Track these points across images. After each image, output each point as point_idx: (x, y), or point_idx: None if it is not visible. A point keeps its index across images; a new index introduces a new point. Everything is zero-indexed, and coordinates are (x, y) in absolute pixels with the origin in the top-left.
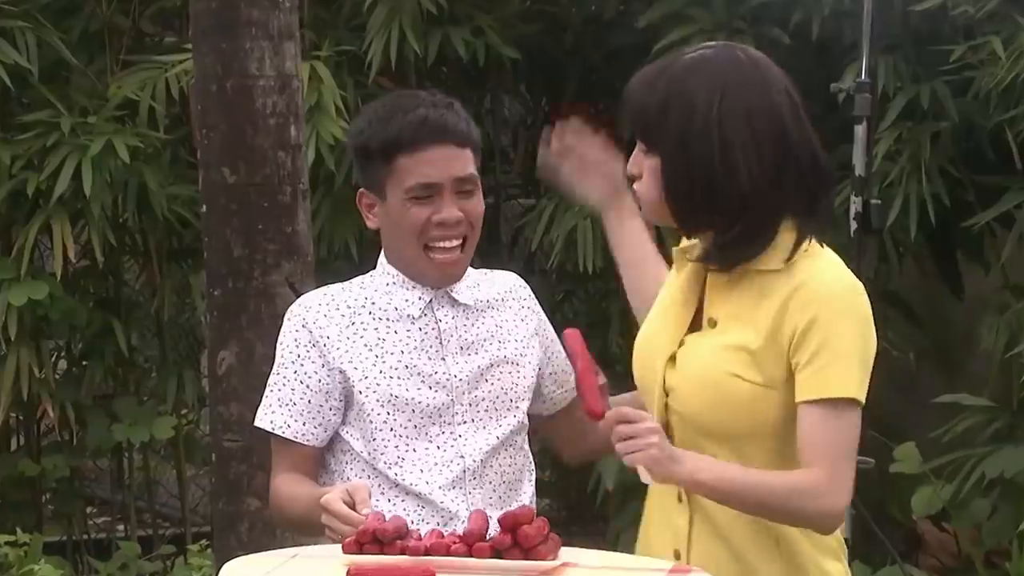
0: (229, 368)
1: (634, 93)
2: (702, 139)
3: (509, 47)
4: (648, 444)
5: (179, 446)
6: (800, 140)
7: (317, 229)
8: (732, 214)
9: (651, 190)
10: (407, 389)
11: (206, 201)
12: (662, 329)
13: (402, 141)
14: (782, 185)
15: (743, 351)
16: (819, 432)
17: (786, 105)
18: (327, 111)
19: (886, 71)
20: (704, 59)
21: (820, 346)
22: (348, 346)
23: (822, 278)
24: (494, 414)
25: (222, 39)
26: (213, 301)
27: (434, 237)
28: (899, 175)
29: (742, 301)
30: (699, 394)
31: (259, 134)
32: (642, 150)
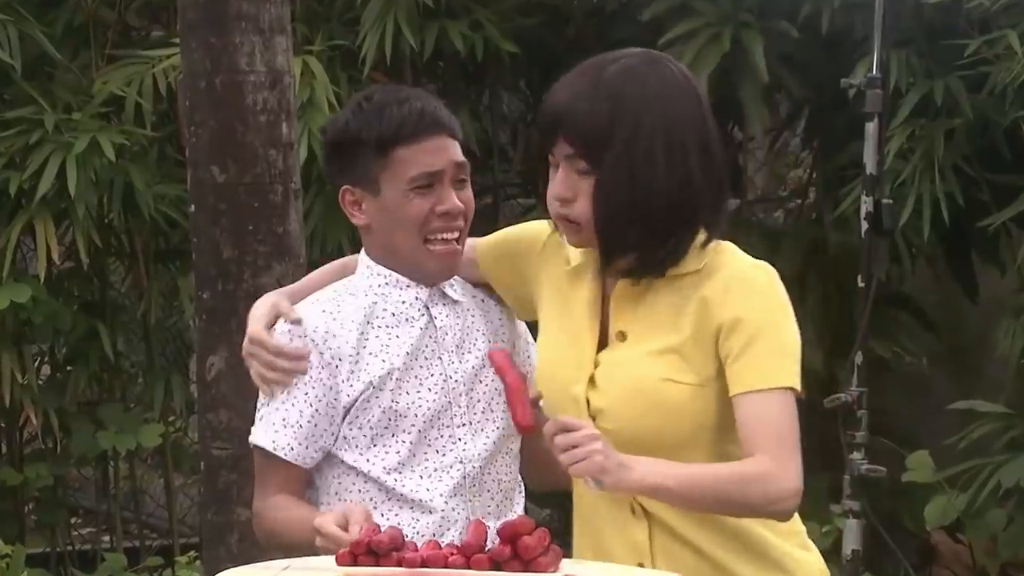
0: (218, 374)
1: (569, 111)
2: (647, 158)
3: (508, 41)
4: (591, 451)
5: (166, 454)
6: (718, 146)
7: (309, 230)
8: (664, 230)
9: (588, 212)
10: (407, 393)
11: (194, 201)
12: (568, 351)
13: (402, 132)
14: (710, 200)
15: (671, 353)
16: (759, 420)
17: (710, 115)
18: (320, 107)
19: (898, 66)
20: (635, 70)
21: (752, 337)
22: (356, 361)
23: (739, 269)
24: (490, 415)
25: (211, 33)
26: (202, 304)
27: (435, 228)
28: (912, 174)
29: (657, 308)
30: (631, 407)
31: (249, 131)
32: (578, 170)
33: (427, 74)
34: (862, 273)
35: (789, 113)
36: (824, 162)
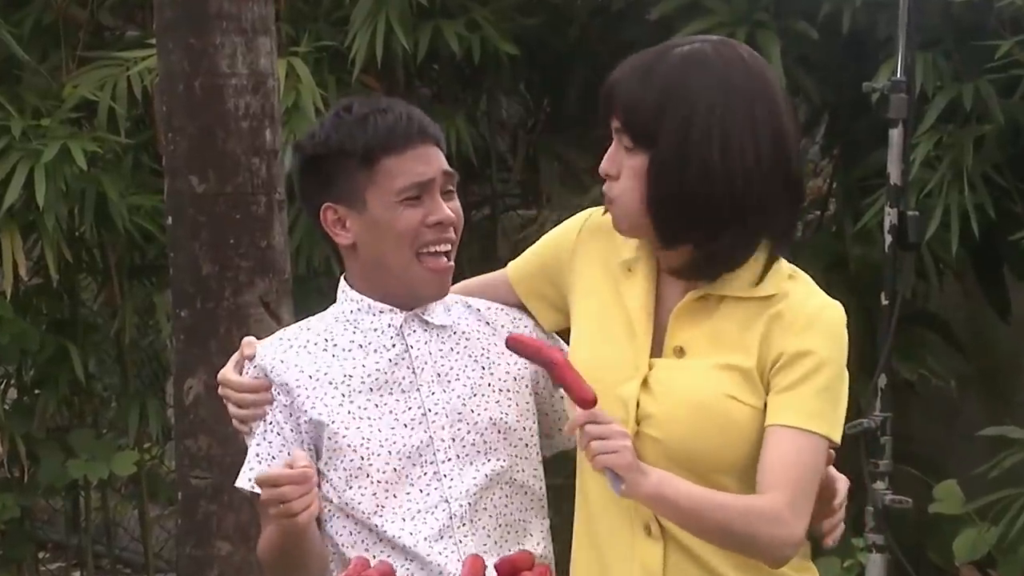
0: (197, 398)
1: (623, 84)
2: (702, 140)
3: (507, 42)
4: (621, 447)
5: (142, 484)
6: (796, 153)
7: (295, 243)
8: (719, 224)
9: (631, 193)
10: (379, 430)
11: (172, 213)
12: (618, 349)
13: (390, 141)
14: (771, 198)
15: (736, 371)
16: (788, 458)
17: (787, 111)
18: (306, 113)
19: (924, 69)
20: (704, 54)
21: (808, 375)
22: (311, 389)
23: (817, 304)
24: (482, 447)
25: (190, 33)
26: (180, 323)
27: (428, 241)
28: (939, 184)
29: (723, 327)
30: (686, 419)
31: (231, 138)
32: (624, 147)
33: (421, 77)
34: (886, 290)
35: (807, 119)
36: (845, 171)
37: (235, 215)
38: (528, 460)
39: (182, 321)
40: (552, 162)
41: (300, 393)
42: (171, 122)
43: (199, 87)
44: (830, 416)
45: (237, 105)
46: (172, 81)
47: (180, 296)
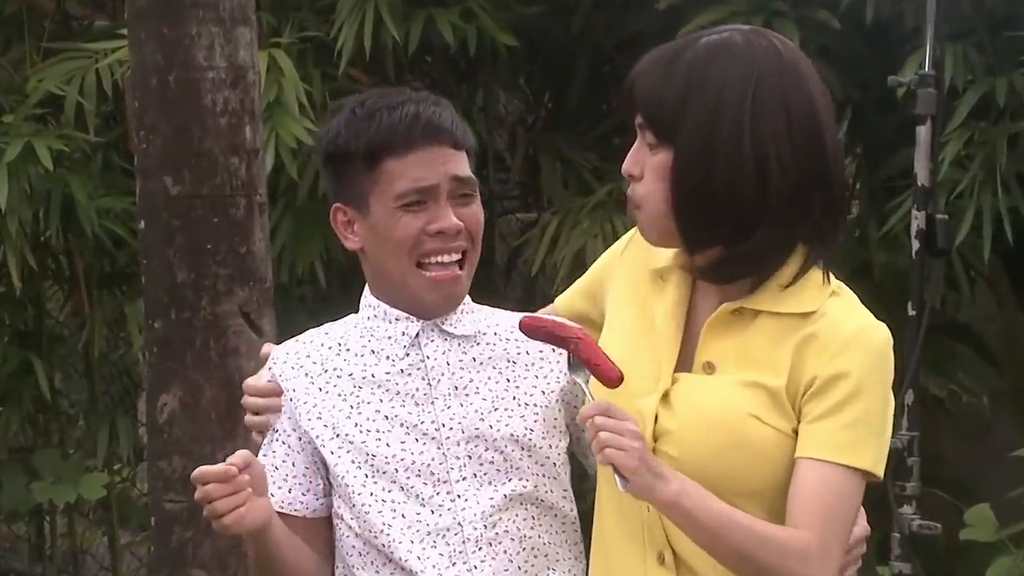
0: (171, 415)
1: (644, 76)
2: (731, 134)
3: (505, 33)
4: (630, 447)
5: (111, 508)
6: (833, 144)
7: (277, 249)
8: (750, 223)
9: (656, 193)
10: (387, 444)
11: (144, 216)
12: (641, 359)
13: (391, 141)
14: (809, 199)
15: (762, 389)
16: (816, 494)
17: (824, 105)
18: (289, 109)
19: (955, 61)
20: (732, 43)
21: (844, 402)
22: (318, 399)
23: (860, 325)
24: (502, 466)
25: (163, 23)
26: (153, 335)
27: (429, 251)
28: (970, 185)
29: (754, 342)
30: (704, 437)
31: (208, 136)
32: (647, 144)
33: (412, 70)
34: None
35: None
36: (869, 172)
37: (212, 219)
38: (556, 480)
39: (155, 333)
40: (553, 162)
41: (305, 400)
42: (143, 119)
43: (174, 81)
44: (867, 447)
45: (215, 100)
46: (144, 74)
47: (153, 306)
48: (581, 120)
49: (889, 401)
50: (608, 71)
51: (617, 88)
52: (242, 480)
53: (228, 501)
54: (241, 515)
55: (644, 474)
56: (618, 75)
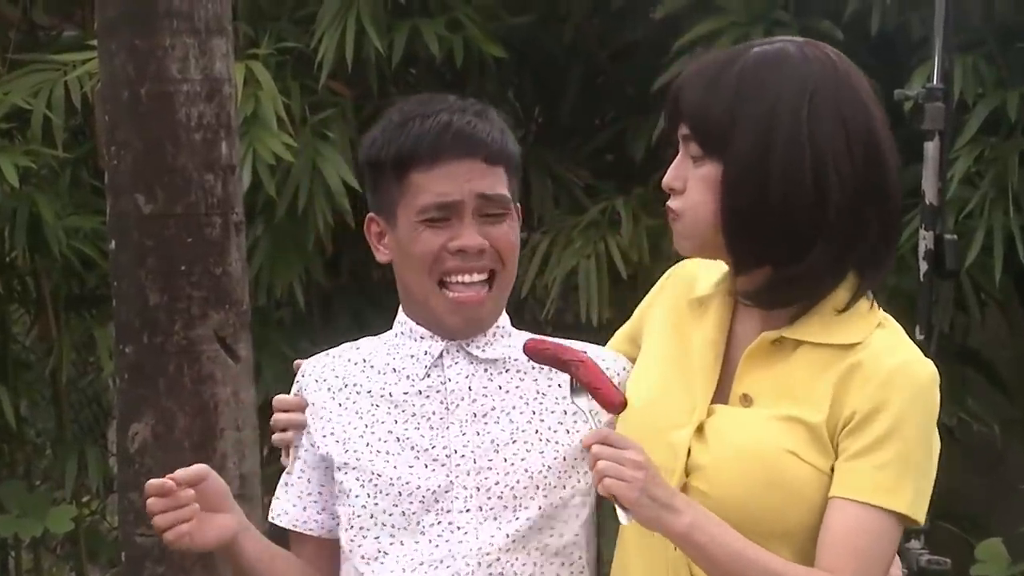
0: (143, 445)
1: (691, 87)
2: (788, 148)
3: (493, 44)
4: (632, 477)
5: (80, 542)
6: (893, 161)
7: (254, 270)
8: (803, 243)
9: (701, 206)
10: (395, 466)
11: (115, 236)
12: (676, 390)
13: (418, 152)
14: (866, 215)
15: (800, 425)
16: (849, 537)
17: (881, 119)
18: (266, 123)
19: (964, 74)
20: (785, 53)
21: (884, 440)
22: (336, 415)
23: (905, 360)
24: (511, 503)
25: (135, 34)
26: (123, 361)
27: (450, 269)
28: (980, 203)
29: (795, 374)
30: (739, 473)
31: (182, 152)
32: (692, 156)
33: (396, 83)
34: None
35: None
36: None
37: (186, 238)
38: (568, 524)
39: (126, 358)
40: (544, 178)
41: (323, 415)
42: (114, 134)
43: (146, 94)
44: (904, 489)
45: (189, 114)
46: (115, 87)
47: (124, 330)
48: (573, 135)
49: (933, 441)
50: (602, 83)
51: (611, 101)
52: (184, 495)
53: (168, 517)
54: (183, 532)
55: (647, 505)
56: (612, 88)
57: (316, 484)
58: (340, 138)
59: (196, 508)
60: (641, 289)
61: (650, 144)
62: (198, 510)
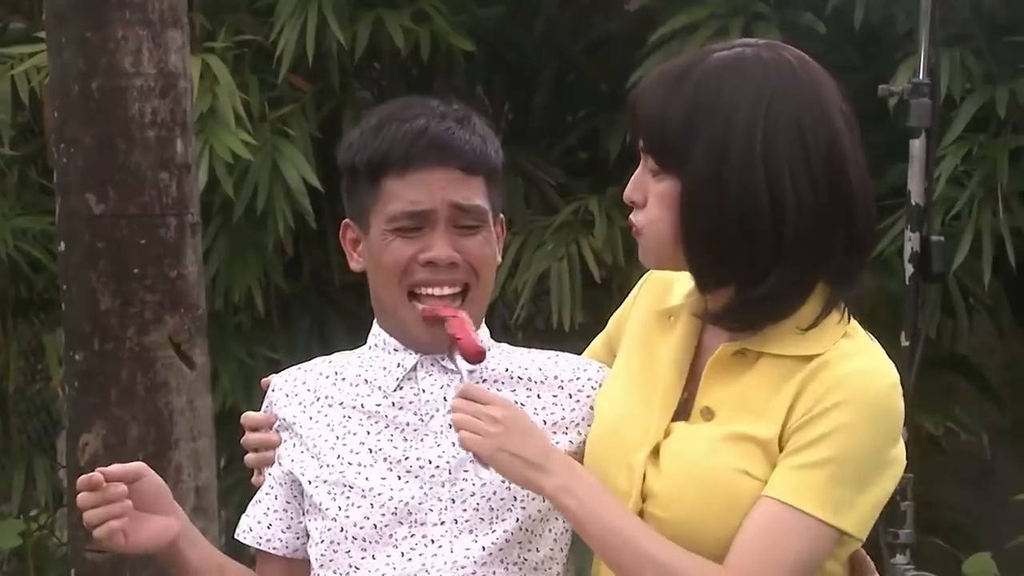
0: (94, 456)
1: (647, 97)
2: (742, 165)
3: (462, 37)
4: (487, 432)
5: (28, 559)
6: (858, 175)
7: (210, 273)
8: (766, 262)
9: (660, 223)
10: (367, 478)
11: (65, 237)
12: (639, 408)
13: (391, 158)
14: (830, 237)
15: (752, 442)
16: (761, 535)
17: (844, 126)
18: (224, 119)
19: (951, 69)
20: (742, 60)
21: (817, 441)
22: (308, 428)
23: (857, 367)
24: (487, 515)
25: (86, 25)
26: (73, 368)
27: (420, 281)
28: (968, 203)
29: (753, 386)
30: (696, 501)
31: (135, 150)
32: (651, 170)
33: (360, 78)
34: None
35: None
36: None
37: (140, 240)
38: (546, 538)
39: (76, 365)
40: (515, 178)
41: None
42: (64, 131)
43: (97, 89)
44: (830, 495)
45: (142, 110)
46: (65, 82)
47: (74, 336)
48: (545, 132)
49: (884, 455)
50: (574, 79)
51: (584, 97)
52: (114, 491)
53: (99, 512)
54: (113, 529)
55: (509, 462)
56: (585, 83)
57: (282, 501)
58: (301, 135)
59: (128, 505)
60: (615, 292)
61: (625, 142)
62: (130, 507)
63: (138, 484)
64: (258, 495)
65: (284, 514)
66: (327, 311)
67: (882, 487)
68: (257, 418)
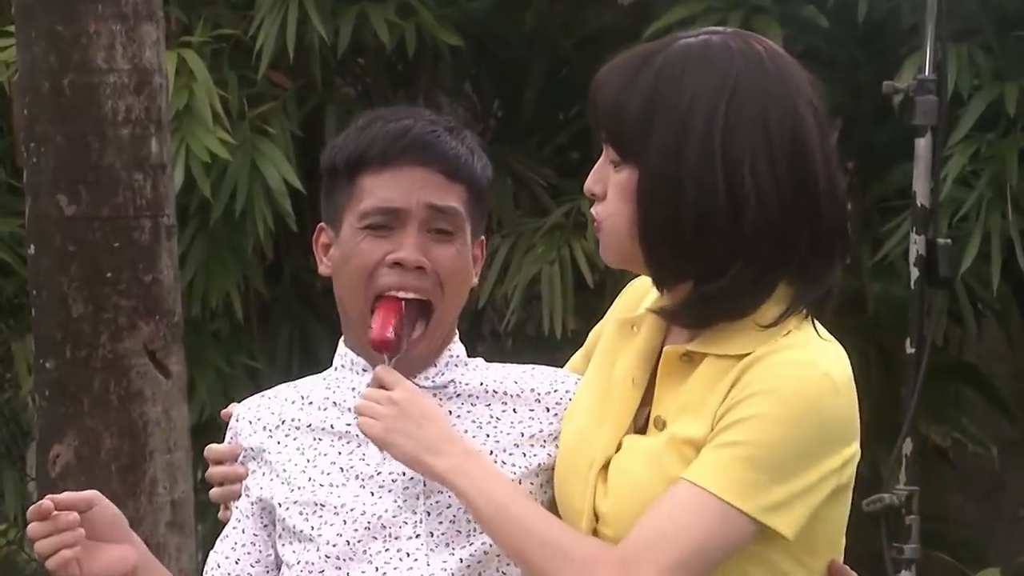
0: (65, 468)
1: (608, 84)
2: (700, 155)
3: (449, 31)
4: (382, 415)
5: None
6: (826, 173)
7: (187, 278)
8: (723, 257)
9: (619, 216)
10: (339, 495)
11: (35, 240)
12: (595, 427)
13: (370, 154)
14: (792, 236)
15: (689, 445)
16: (659, 511)
17: (813, 121)
18: (201, 117)
19: (958, 65)
20: (707, 47)
21: (735, 424)
22: (275, 453)
23: (791, 358)
24: (464, 527)
25: (56, 19)
26: (44, 376)
27: (385, 286)
28: (976, 205)
29: (695, 388)
30: (635, 516)
31: (108, 149)
32: (611, 161)
33: (343, 74)
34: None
35: None
36: (861, 190)
37: (113, 243)
38: None
39: (47, 374)
40: (504, 178)
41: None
42: (34, 129)
43: (68, 85)
44: (748, 481)
45: (116, 108)
46: (35, 78)
47: (44, 343)
48: (535, 131)
49: (808, 450)
50: (566, 75)
51: (576, 94)
52: (65, 519)
53: (51, 542)
54: (66, 558)
55: (401, 444)
56: (577, 79)
57: (250, 534)
58: (281, 134)
59: (80, 534)
60: (609, 298)
61: None
62: (83, 535)
63: (91, 513)
64: (225, 530)
65: (252, 547)
66: (309, 317)
67: (807, 483)
68: (221, 451)
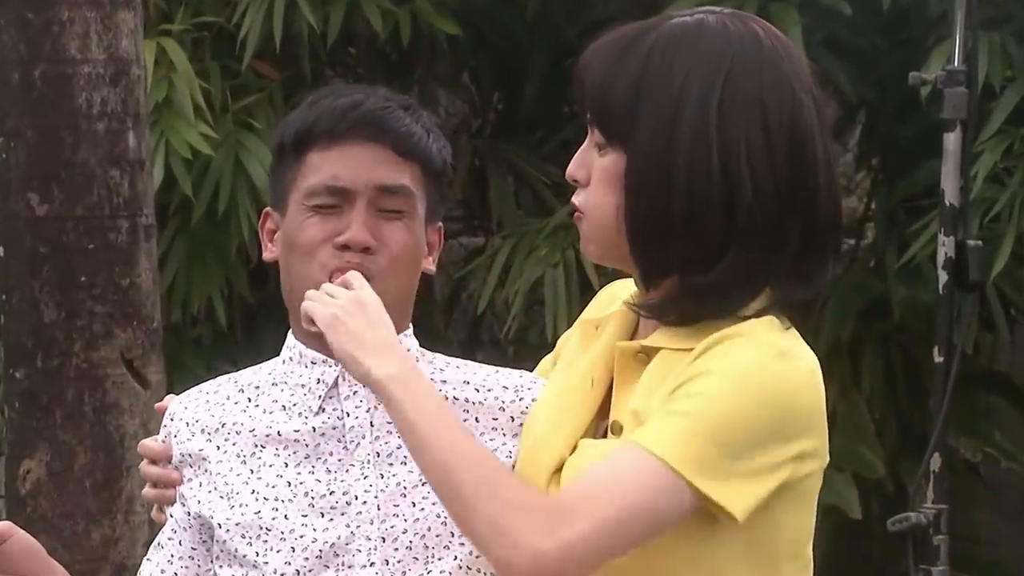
0: (36, 484)
1: (595, 61)
2: (694, 137)
3: (446, 20)
4: (332, 303)
5: None
6: (825, 164)
7: (166, 282)
8: (714, 247)
9: (603, 204)
10: (286, 516)
11: (4, 242)
12: (554, 432)
13: (317, 129)
14: (786, 220)
15: None
16: (597, 465)
17: (812, 109)
18: (181, 110)
19: (990, 55)
20: (703, 26)
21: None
22: (215, 462)
23: (755, 337)
24: (421, 554)
25: (27, 6)
26: (14, 387)
27: (334, 268)
28: (1008, 204)
29: (647, 383)
30: None
31: (83, 144)
32: (596, 144)
33: (333, 64)
34: (940, 343)
35: (838, 119)
36: (887, 188)
37: (88, 244)
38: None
39: (17, 384)
40: (504, 175)
41: (199, 464)
42: (3, 123)
43: (40, 77)
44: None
45: (91, 100)
46: (4, 69)
47: (15, 351)
48: (538, 125)
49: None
50: (569, 66)
51: None
52: None
53: None
54: None
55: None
56: None
57: (187, 547)
58: (267, 128)
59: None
60: None
61: None
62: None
63: (5, 547)
64: (159, 538)
65: (191, 561)
66: None
67: (758, 465)
68: (155, 449)
